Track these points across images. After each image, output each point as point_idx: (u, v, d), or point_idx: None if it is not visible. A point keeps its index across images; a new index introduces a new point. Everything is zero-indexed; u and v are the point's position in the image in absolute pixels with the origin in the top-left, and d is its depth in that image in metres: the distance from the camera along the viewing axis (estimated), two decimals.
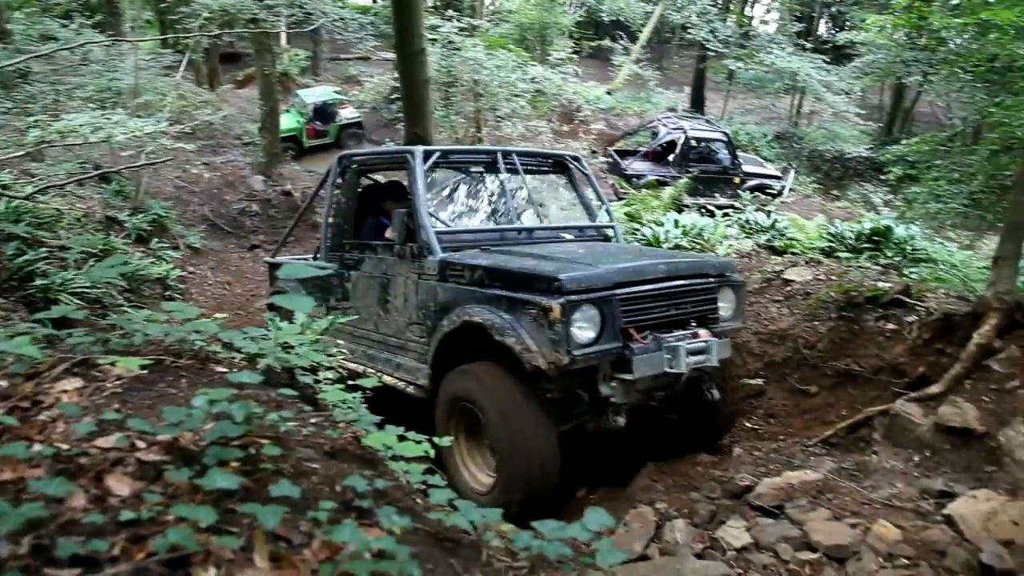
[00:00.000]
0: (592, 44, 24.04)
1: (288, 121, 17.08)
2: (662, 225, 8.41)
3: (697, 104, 25.08)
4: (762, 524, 3.59)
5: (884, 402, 4.99)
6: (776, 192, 14.64)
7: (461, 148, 6.18)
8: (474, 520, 1.74)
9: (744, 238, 8.17)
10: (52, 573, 1.15)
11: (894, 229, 7.60)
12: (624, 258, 4.56)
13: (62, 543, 1.19)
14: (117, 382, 1.97)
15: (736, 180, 14.52)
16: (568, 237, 5.56)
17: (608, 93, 23.26)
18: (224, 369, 2.27)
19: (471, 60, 13.14)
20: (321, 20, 12.38)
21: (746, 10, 31.36)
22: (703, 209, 11.18)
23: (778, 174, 15.83)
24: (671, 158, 14.64)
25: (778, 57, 20.66)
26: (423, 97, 8.36)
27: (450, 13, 13.47)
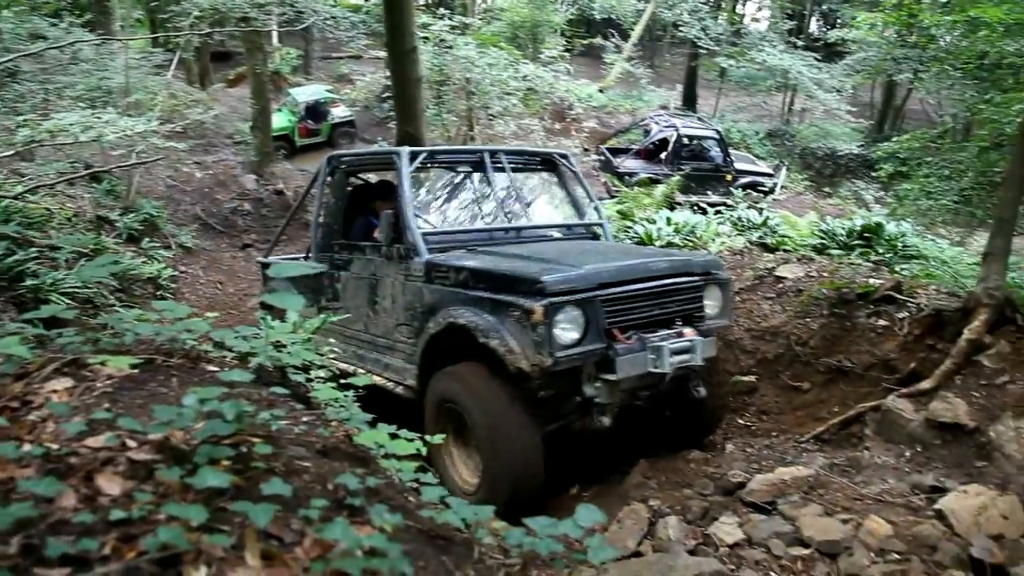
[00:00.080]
0: (584, 42, 24.02)
1: (280, 120, 17.04)
2: (654, 223, 8.43)
3: (689, 102, 25.12)
4: (754, 520, 3.60)
5: (875, 398, 5.01)
6: (768, 189, 14.66)
7: (448, 148, 6.17)
8: (466, 518, 1.74)
9: (736, 235, 8.18)
10: (42, 573, 1.15)
11: (885, 226, 7.62)
12: (609, 258, 4.55)
13: (52, 543, 1.19)
14: (108, 381, 1.96)
15: (728, 178, 14.55)
16: (557, 235, 5.54)
17: (600, 91, 23.29)
18: (215, 368, 2.26)
19: (463, 58, 13.13)
20: (312, 18, 12.36)
21: (737, 8, 31.48)
22: (695, 207, 11.20)
23: (770, 171, 15.86)
24: (663, 156, 14.66)
25: (769, 55, 20.73)
26: (415, 95, 8.35)
27: (442, 11, 13.45)
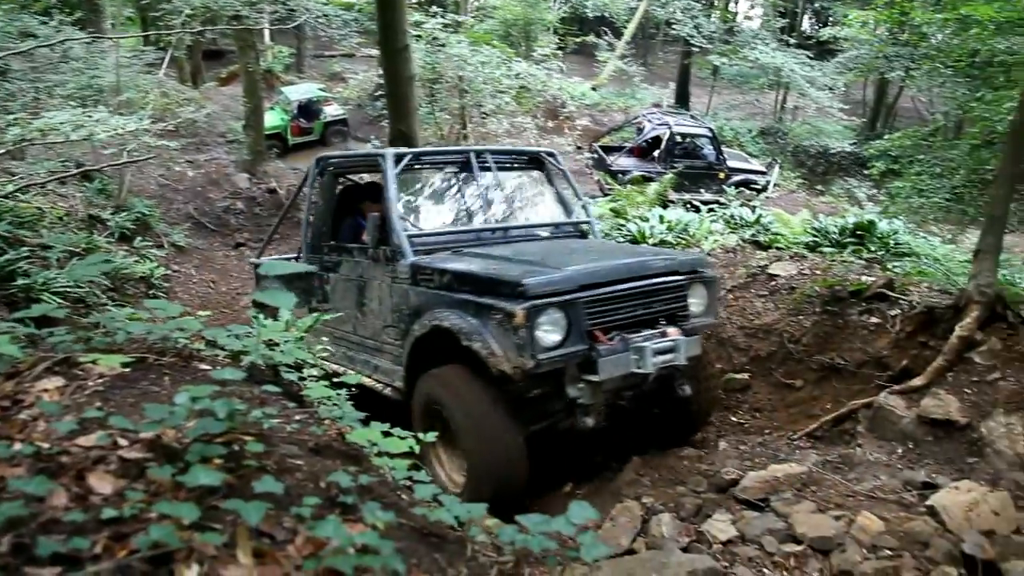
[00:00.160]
0: (577, 40, 24.03)
1: (272, 119, 17.00)
2: (647, 221, 8.44)
3: (682, 100, 25.15)
4: (748, 517, 3.62)
5: (868, 395, 5.03)
6: (761, 187, 14.67)
7: (434, 150, 6.15)
8: (459, 515, 1.74)
9: (729, 233, 8.19)
10: (33, 572, 1.14)
11: (877, 224, 7.64)
12: (593, 258, 4.54)
13: (43, 542, 1.18)
14: (99, 380, 1.95)
15: (721, 176, 14.55)
16: (544, 235, 5.54)
17: (593, 89, 23.28)
18: (208, 366, 2.25)
19: (456, 56, 13.10)
20: (304, 16, 12.31)
21: (730, 6, 31.50)
22: (688, 205, 11.22)
23: (763, 169, 15.87)
24: (656, 154, 14.66)
25: (762, 53, 20.76)
26: (408, 94, 8.34)
27: (434, 9, 13.41)
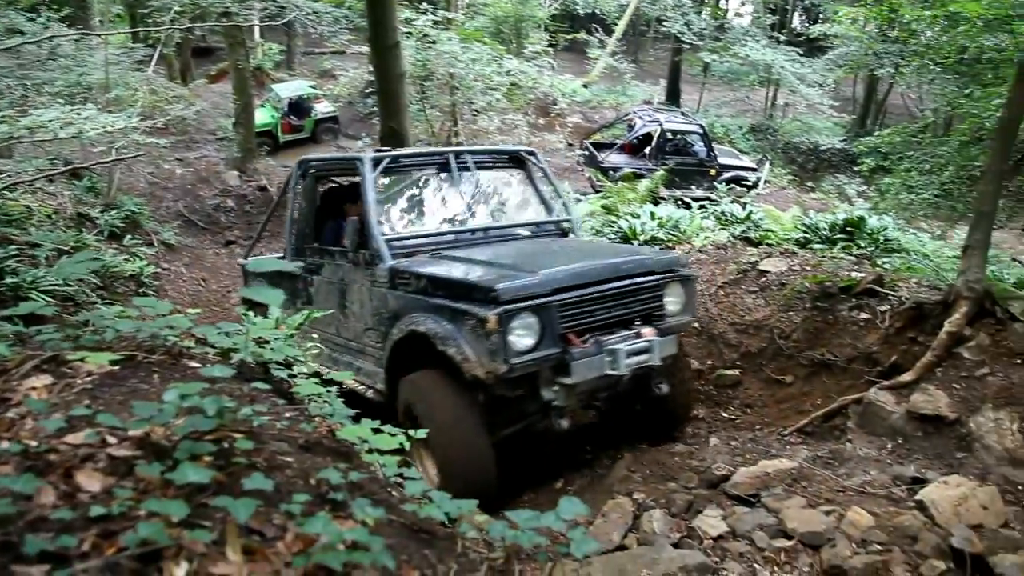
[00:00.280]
0: (568, 37, 23.98)
1: (263, 116, 16.92)
2: (638, 217, 8.45)
3: (673, 97, 25.18)
4: (738, 513, 3.63)
5: (858, 391, 5.06)
6: (751, 184, 14.71)
7: (412, 151, 6.12)
8: (449, 512, 1.74)
9: (720, 230, 8.22)
10: (20, 570, 1.13)
11: (867, 220, 7.68)
12: (569, 259, 4.52)
13: (30, 540, 1.17)
14: (87, 378, 1.94)
15: (712, 172, 14.59)
16: (524, 234, 5.53)
17: (584, 86, 23.27)
18: (197, 364, 2.24)
19: (446, 53, 13.07)
20: (294, 13, 12.24)
21: (720, 3, 31.55)
22: (679, 201, 11.24)
23: (753, 166, 15.92)
24: (647, 151, 14.68)
25: (752, 50, 20.79)
26: (398, 91, 8.32)
27: (425, 6, 13.35)
